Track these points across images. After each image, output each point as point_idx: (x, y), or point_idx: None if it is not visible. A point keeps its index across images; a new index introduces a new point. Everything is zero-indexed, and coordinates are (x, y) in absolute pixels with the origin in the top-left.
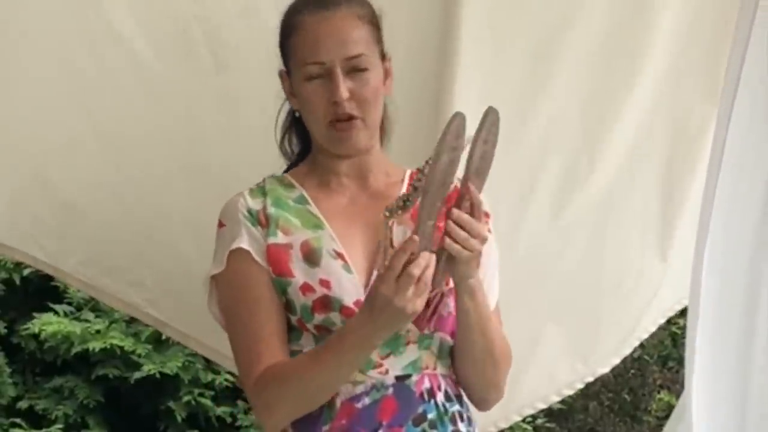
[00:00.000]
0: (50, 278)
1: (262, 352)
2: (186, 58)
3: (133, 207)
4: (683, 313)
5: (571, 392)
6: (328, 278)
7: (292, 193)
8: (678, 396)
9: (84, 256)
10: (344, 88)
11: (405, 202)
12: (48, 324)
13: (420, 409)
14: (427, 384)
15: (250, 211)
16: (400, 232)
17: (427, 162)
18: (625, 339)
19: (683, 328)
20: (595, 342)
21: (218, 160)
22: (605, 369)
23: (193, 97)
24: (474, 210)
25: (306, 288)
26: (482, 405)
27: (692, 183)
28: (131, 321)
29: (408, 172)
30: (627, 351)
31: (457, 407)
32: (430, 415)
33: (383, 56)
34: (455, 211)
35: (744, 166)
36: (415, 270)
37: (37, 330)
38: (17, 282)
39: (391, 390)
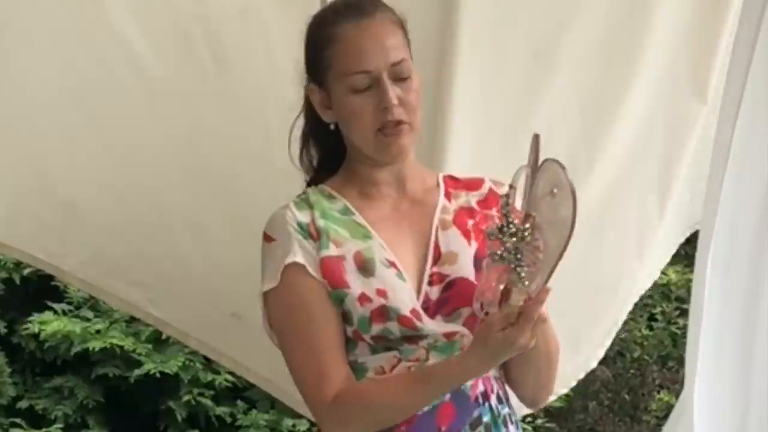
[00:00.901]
0: (50, 278)
1: (327, 367)
2: (186, 58)
3: (133, 206)
4: (683, 313)
5: (565, 390)
6: (384, 287)
7: (335, 204)
8: (678, 396)
9: (85, 256)
10: (393, 93)
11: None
12: (48, 324)
13: (476, 413)
14: (481, 387)
15: (300, 224)
16: (447, 238)
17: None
18: (609, 330)
19: (683, 328)
20: (590, 341)
21: (218, 160)
22: (594, 363)
23: (193, 97)
24: None
25: (363, 299)
26: (533, 405)
27: (679, 180)
28: (131, 320)
29: (441, 176)
30: (608, 342)
31: (507, 410)
32: (485, 419)
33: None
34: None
35: (746, 167)
36: (546, 313)
37: (37, 330)
38: (17, 282)
39: (448, 396)
